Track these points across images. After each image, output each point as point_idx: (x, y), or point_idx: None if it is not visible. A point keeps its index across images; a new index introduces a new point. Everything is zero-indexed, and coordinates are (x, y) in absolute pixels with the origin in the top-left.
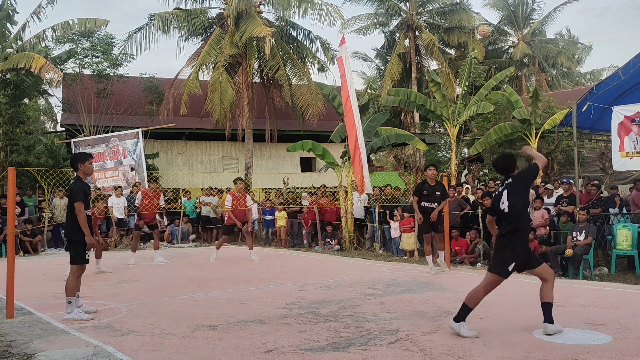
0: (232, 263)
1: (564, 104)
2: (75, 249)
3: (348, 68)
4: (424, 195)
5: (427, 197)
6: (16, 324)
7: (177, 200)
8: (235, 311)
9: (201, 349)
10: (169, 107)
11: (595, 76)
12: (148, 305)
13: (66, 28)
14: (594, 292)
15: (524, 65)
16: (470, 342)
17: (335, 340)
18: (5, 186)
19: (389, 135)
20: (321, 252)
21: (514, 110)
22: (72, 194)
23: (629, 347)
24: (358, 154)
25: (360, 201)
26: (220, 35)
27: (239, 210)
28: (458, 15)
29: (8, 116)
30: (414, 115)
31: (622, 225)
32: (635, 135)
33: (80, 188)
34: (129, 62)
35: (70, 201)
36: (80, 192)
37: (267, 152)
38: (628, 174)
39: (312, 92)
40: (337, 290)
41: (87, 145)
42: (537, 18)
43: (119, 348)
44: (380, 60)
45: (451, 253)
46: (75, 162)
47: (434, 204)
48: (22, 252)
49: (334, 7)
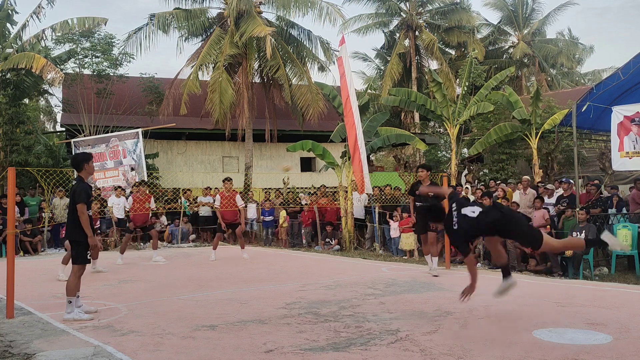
0: (232, 263)
1: (564, 104)
2: (77, 250)
3: (348, 68)
4: (417, 196)
5: (420, 197)
6: (16, 324)
7: (177, 200)
8: (235, 311)
9: (201, 349)
10: (169, 107)
11: (597, 77)
12: (148, 305)
13: (65, 27)
14: (594, 292)
15: (524, 65)
16: (470, 342)
17: (335, 340)
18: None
19: (389, 135)
20: (321, 252)
21: (514, 110)
22: (74, 195)
23: (629, 347)
24: (358, 154)
25: (360, 201)
26: (220, 35)
27: (228, 210)
28: (458, 15)
29: (8, 116)
30: (414, 115)
31: (622, 225)
32: (635, 135)
33: (83, 189)
34: (129, 62)
35: (73, 202)
36: (83, 194)
37: (267, 152)
38: (628, 174)
39: (312, 92)
40: (337, 290)
41: (87, 145)
42: (537, 18)
43: (119, 348)
44: (380, 60)
45: (451, 253)
46: (82, 162)
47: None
48: (22, 252)
49: (334, 7)
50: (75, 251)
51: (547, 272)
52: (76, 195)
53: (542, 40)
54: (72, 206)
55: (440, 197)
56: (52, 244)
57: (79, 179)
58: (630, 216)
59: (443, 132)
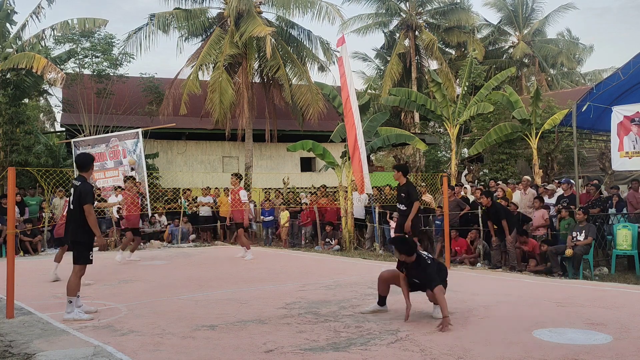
0: (232, 263)
1: (564, 104)
2: (80, 250)
3: (348, 68)
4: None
5: (398, 198)
6: (16, 324)
7: (177, 200)
8: (235, 311)
9: (201, 349)
10: (169, 107)
11: (597, 77)
12: (148, 305)
13: (65, 28)
14: (594, 292)
15: (524, 65)
16: (470, 342)
17: (335, 340)
18: (5, 186)
19: (389, 135)
20: (321, 252)
21: (514, 110)
22: (81, 195)
23: (629, 347)
24: (357, 154)
25: (360, 201)
26: (220, 35)
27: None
28: (458, 15)
29: (8, 116)
30: (414, 115)
31: (622, 225)
32: (635, 135)
33: (90, 190)
34: (129, 62)
35: (79, 203)
36: (90, 195)
37: (267, 152)
38: (628, 174)
39: (312, 92)
40: (337, 290)
41: (87, 145)
42: (538, 18)
43: (119, 348)
44: (380, 60)
45: (451, 253)
46: (89, 163)
47: (401, 205)
48: (22, 252)
49: (334, 7)
50: (77, 251)
51: (547, 272)
52: (82, 196)
53: (542, 40)
54: (77, 207)
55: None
56: (52, 244)
57: (83, 179)
58: (630, 216)
59: (443, 132)
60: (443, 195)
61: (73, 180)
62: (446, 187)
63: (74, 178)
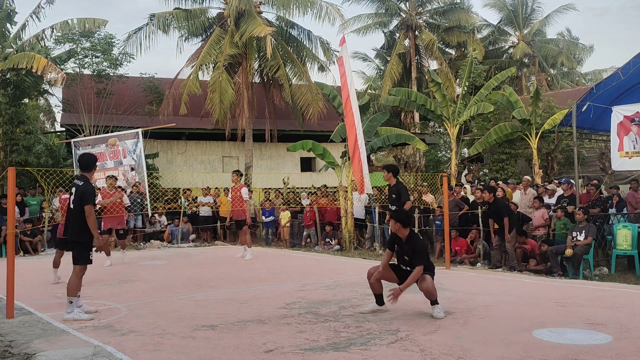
0: (232, 263)
1: (564, 104)
2: (80, 250)
3: (348, 68)
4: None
5: (389, 199)
6: (16, 324)
7: (177, 200)
8: (235, 311)
9: (201, 349)
10: (169, 107)
11: (597, 77)
12: (148, 305)
13: (65, 28)
14: (594, 292)
15: (524, 65)
16: (470, 342)
17: (335, 340)
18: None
19: (389, 135)
20: (321, 252)
21: (514, 110)
22: (84, 196)
23: (629, 347)
24: (357, 154)
25: (360, 201)
26: (220, 35)
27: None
28: (458, 15)
29: (8, 116)
30: (414, 115)
31: (622, 225)
32: (635, 135)
33: (92, 191)
34: (129, 62)
35: (80, 204)
36: (92, 196)
37: (267, 152)
38: (628, 174)
39: (312, 92)
40: (337, 290)
41: (87, 145)
42: (537, 18)
43: (119, 348)
44: (380, 60)
45: (451, 253)
46: (93, 163)
47: (392, 206)
48: (22, 252)
49: (334, 7)
50: (77, 252)
51: (547, 272)
52: (84, 197)
53: (542, 40)
54: (78, 207)
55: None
56: (52, 244)
57: (85, 179)
58: (630, 216)
59: (443, 132)
60: (443, 195)
61: (75, 179)
62: (446, 187)
63: (76, 176)
